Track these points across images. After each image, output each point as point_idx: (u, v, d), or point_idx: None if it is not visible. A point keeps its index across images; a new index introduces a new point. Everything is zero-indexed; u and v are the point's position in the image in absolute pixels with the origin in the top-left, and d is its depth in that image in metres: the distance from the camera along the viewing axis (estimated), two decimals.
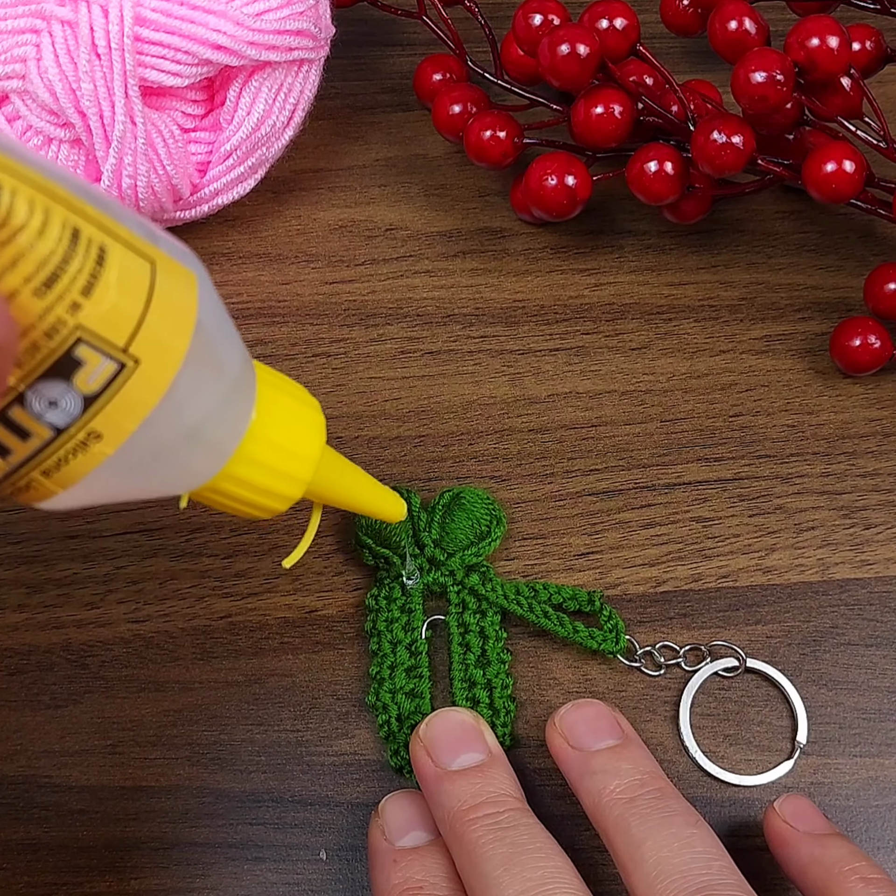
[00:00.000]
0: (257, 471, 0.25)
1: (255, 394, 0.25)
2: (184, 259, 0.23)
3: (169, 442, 0.23)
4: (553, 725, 0.30)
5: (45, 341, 0.20)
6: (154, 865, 0.31)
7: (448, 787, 0.28)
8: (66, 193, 0.20)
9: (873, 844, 0.31)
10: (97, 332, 0.20)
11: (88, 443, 0.22)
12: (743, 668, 0.32)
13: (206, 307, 0.23)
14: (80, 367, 0.20)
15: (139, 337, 0.21)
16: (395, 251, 0.39)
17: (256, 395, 0.25)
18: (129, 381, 0.21)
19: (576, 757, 0.29)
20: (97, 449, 0.22)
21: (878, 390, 0.37)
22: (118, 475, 0.23)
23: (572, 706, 0.30)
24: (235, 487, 0.26)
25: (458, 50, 0.39)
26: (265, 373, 0.26)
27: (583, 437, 0.36)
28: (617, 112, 0.35)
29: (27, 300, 0.19)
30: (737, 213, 0.40)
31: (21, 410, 0.21)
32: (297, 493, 0.27)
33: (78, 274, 0.20)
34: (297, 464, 0.26)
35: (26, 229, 0.19)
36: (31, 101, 0.34)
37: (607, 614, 0.32)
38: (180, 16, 0.33)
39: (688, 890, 0.25)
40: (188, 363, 0.22)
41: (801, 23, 0.32)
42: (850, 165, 0.33)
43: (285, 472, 0.26)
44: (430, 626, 0.33)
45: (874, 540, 0.34)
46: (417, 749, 0.29)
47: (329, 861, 0.31)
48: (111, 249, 0.20)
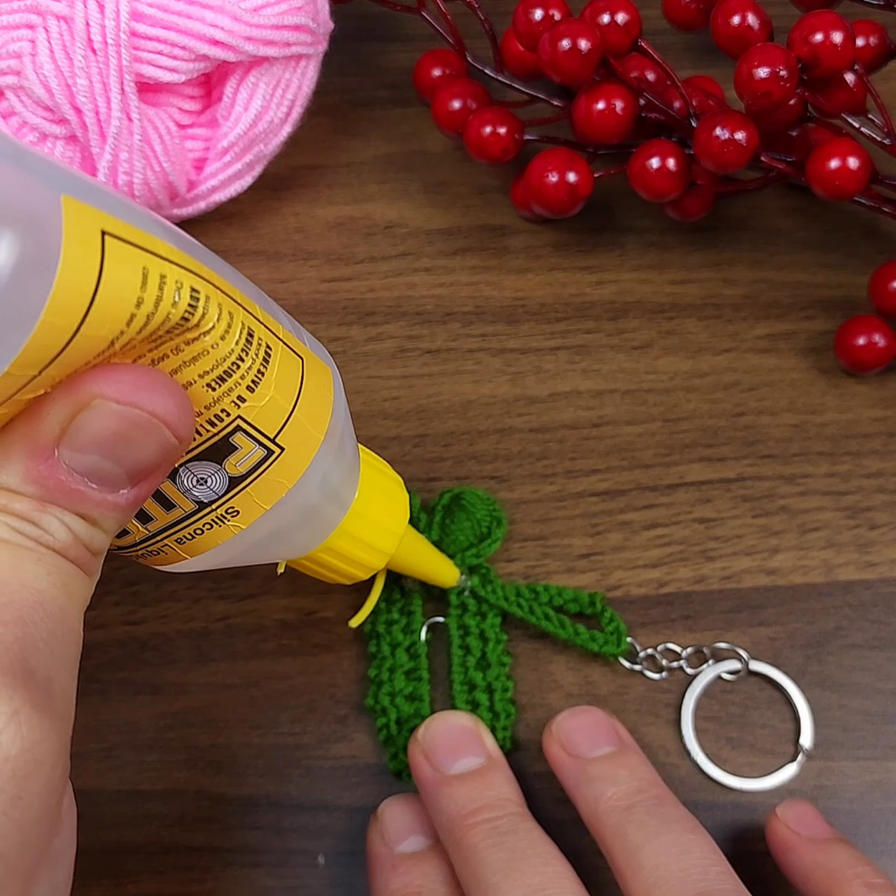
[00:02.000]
0: (353, 544, 0.28)
1: (360, 474, 0.27)
2: (321, 353, 0.25)
3: (292, 520, 0.25)
4: (550, 733, 0.30)
5: (208, 427, 0.21)
6: (150, 870, 0.30)
7: (447, 791, 0.28)
8: (244, 297, 0.22)
9: (878, 848, 0.31)
10: (254, 423, 0.22)
11: (225, 518, 0.23)
12: (746, 671, 0.32)
13: (338, 399, 0.25)
14: (233, 452, 0.22)
15: (287, 428, 0.23)
16: (394, 248, 0.39)
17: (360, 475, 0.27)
18: (271, 467, 0.23)
19: (573, 765, 0.29)
20: (231, 523, 0.23)
21: (882, 389, 0.36)
22: (242, 546, 0.25)
23: (569, 713, 0.30)
24: (331, 557, 0.28)
25: (458, 45, 0.39)
26: (362, 452, 0.28)
27: (584, 436, 0.36)
28: (618, 108, 0.34)
29: (199, 391, 0.21)
30: (740, 211, 0.39)
31: (171, 484, 0.22)
32: (381, 563, 0.29)
33: (247, 371, 0.21)
34: (387, 538, 0.28)
35: (213, 332, 0.20)
36: (27, 97, 0.34)
37: (609, 616, 0.32)
38: (177, 11, 0.33)
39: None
40: (321, 451, 0.24)
41: (805, 18, 0.32)
42: (855, 162, 0.33)
43: (376, 546, 0.28)
44: (430, 629, 0.33)
45: (879, 541, 0.34)
46: (416, 753, 0.29)
47: (327, 866, 0.30)
48: (275, 348, 0.22)
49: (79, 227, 0.17)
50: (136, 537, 0.23)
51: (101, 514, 0.20)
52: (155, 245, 0.19)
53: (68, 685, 0.20)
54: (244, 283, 0.22)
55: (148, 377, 0.19)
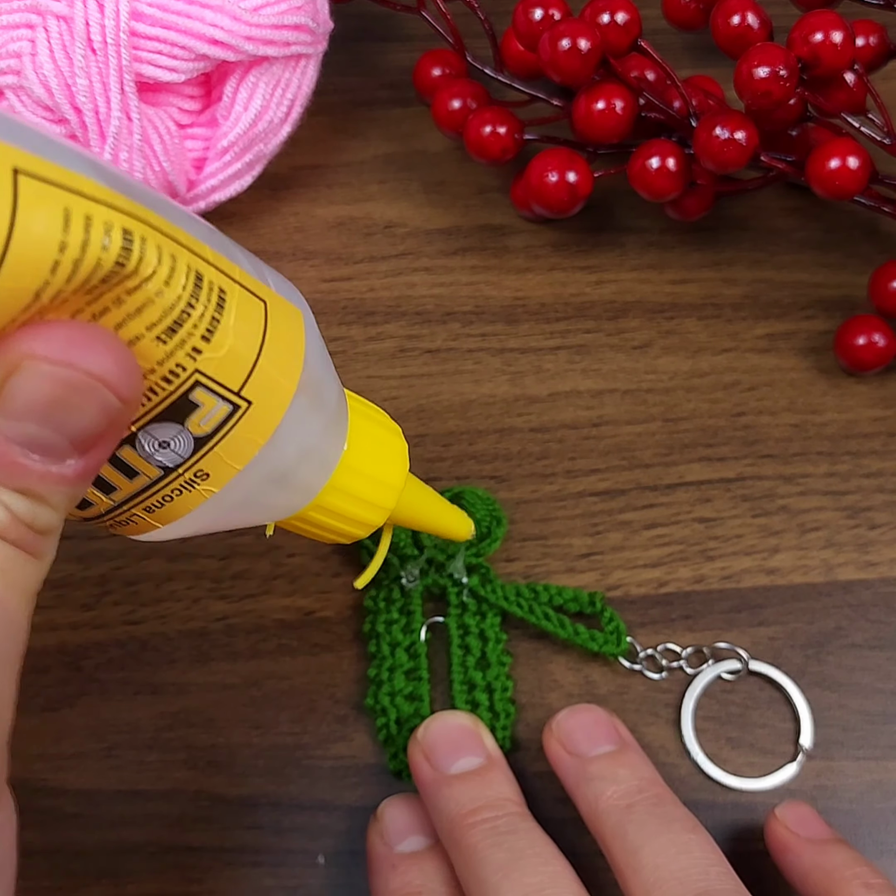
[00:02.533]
0: (346, 500, 0.26)
1: (348, 424, 0.25)
2: (289, 295, 0.23)
3: (271, 478, 0.23)
4: (550, 731, 0.30)
5: (164, 385, 0.20)
6: (150, 870, 0.30)
7: (446, 791, 0.28)
8: (188, 237, 0.20)
9: (877, 848, 0.31)
10: (214, 376, 0.20)
11: (195, 482, 0.22)
12: (746, 671, 0.32)
13: (311, 344, 0.23)
14: (194, 410, 0.20)
15: (252, 379, 0.21)
16: (393, 248, 0.39)
17: (348, 425, 0.25)
18: (239, 423, 0.21)
19: (573, 763, 0.29)
20: (202, 487, 0.22)
21: (882, 389, 0.36)
22: (218, 511, 0.23)
23: (569, 712, 0.30)
24: (323, 516, 0.26)
25: (458, 45, 0.39)
26: (353, 400, 0.26)
27: (584, 436, 0.35)
28: (618, 108, 0.34)
29: (149, 346, 0.19)
30: (740, 210, 0.39)
31: (131, 450, 0.21)
32: (380, 520, 0.27)
33: (200, 319, 0.19)
34: (384, 492, 0.26)
35: (154, 277, 0.18)
36: (26, 97, 0.33)
37: (608, 616, 0.32)
38: (176, 10, 0.33)
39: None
40: (294, 401, 0.22)
41: (805, 18, 0.32)
42: (855, 162, 0.32)
43: (372, 501, 0.26)
44: (430, 628, 0.33)
45: (879, 540, 0.34)
46: (416, 753, 0.29)
47: (327, 866, 0.30)
48: (230, 292, 0.20)
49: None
50: (100, 508, 0.22)
51: (46, 489, 0.18)
52: (80, 184, 0.17)
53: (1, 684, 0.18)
54: (191, 222, 0.20)
55: (82, 332, 0.18)
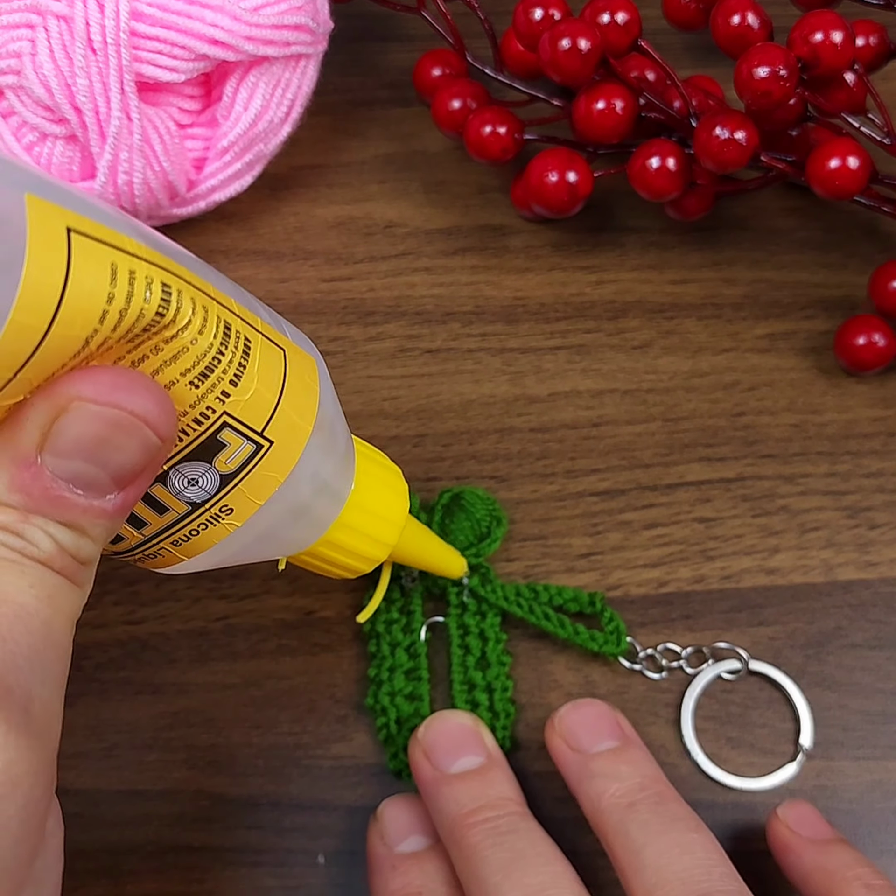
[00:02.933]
0: (352, 536, 0.27)
1: (354, 464, 0.27)
2: (304, 344, 0.25)
3: (288, 513, 0.25)
4: (552, 726, 0.30)
5: (195, 426, 0.21)
6: (150, 870, 0.30)
7: (447, 791, 0.28)
8: (217, 291, 0.21)
9: (878, 848, 0.31)
10: (241, 417, 0.22)
11: (220, 517, 0.23)
12: (746, 671, 0.32)
13: (324, 389, 0.25)
14: (222, 450, 0.22)
15: (274, 420, 0.22)
16: (393, 248, 0.39)
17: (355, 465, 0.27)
18: (262, 461, 0.23)
19: (575, 760, 0.29)
20: (226, 522, 0.23)
21: (882, 389, 0.36)
22: (239, 544, 0.24)
23: (572, 706, 0.30)
24: (332, 551, 0.27)
25: (458, 45, 0.39)
26: (358, 443, 0.28)
27: (584, 436, 0.35)
28: (618, 108, 0.34)
29: (182, 390, 0.21)
30: (740, 210, 0.39)
31: (162, 488, 0.22)
32: (383, 555, 0.28)
33: (228, 365, 0.21)
34: (388, 529, 0.28)
35: (190, 327, 0.20)
36: (26, 97, 0.33)
37: (608, 616, 0.32)
38: (177, 10, 0.33)
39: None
40: (310, 441, 0.24)
41: (805, 18, 0.32)
42: (855, 162, 0.32)
43: (376, 538, 0.28)
44: (430, 628, 0.33)
45: (879, 540, 0.34)
46: (416, 752, 0.29)
47: (327, 865, 0.30)
48: (254, 341, 0.22)
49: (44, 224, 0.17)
50: (131, 542, 0.23)
51: (88, 522, 0.20)
52: (122, 242, 0.19)
53: (51, 701, 0.19)
54: (218, 278, 0.22)
55: (126, 377, 0.19)
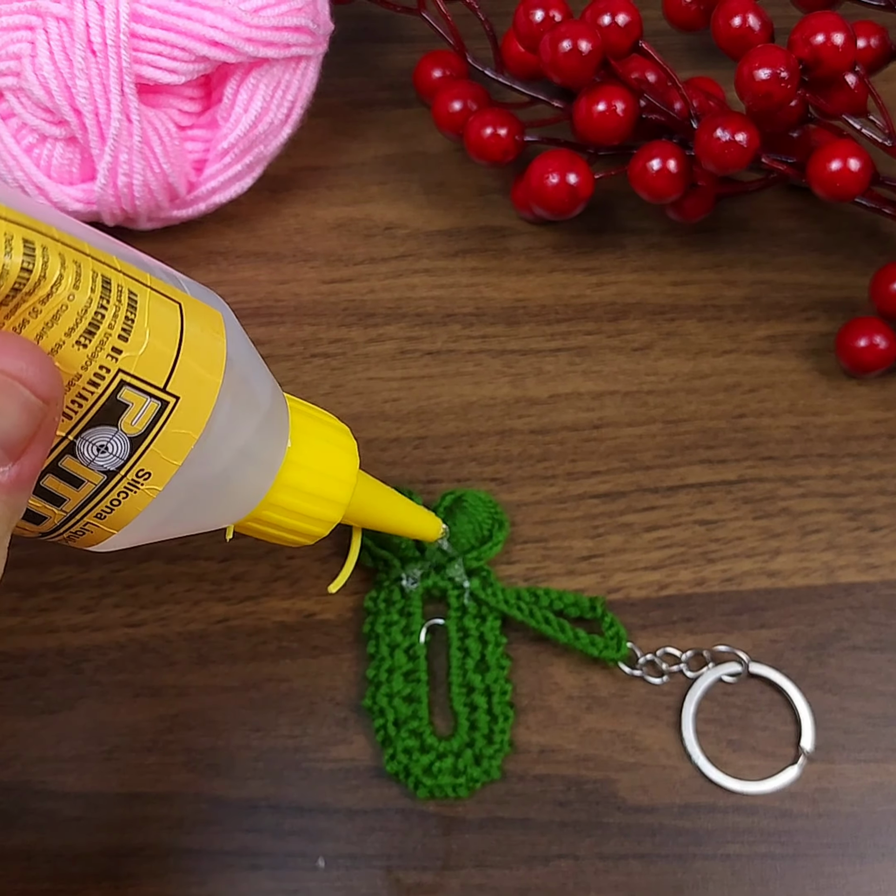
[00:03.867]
0: (297, 496, 0.27)
1: (289, 423, 0.27)
2: (208, 299, 0.24)
3: (212, 474, 0.24)
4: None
5: (91, 389, 0.21)
6: (150, 873, 0.30)
7: None
8: (93, 248, 0.21)
9: (879, 851, 0.30)
10: (138, 374, 0.21)
11: (138, 482, 0.23)
12: (746, 673, 0.32)
13: (234, 343, 0.24)
14: (125, 410, 0.22)
15: (176, 375, 0.22)
16: (394, 250, 0.39)
17: (290, 423, 0.27)
18: (170, 419, 0.22)
19: None
20: (147, 487, 0.23)
21: (883, 391, 0.36)
22: (167, 512, 0.24)
23: None
24: (277, 515, 0.27)
25: (459, 46, 0.39)
26: (295, 402, 0.28)
27: (585, 438, 0.35)
28: (619, 109, 0.34)
29: (70, 352, 0.20)
30: (741, 212, 0.39)
31: (72, 459, 0.22)
32: (336, 515, 0.28)
33: (114, 320, 0.21)
34: (335, 486, 0.27)
35: (62, 283, 0.20)
36: (26, 99, 0.33)
37: (609, 621, 0.32)
38: (177, 12, 0.33)
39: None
40: (223, 397, 0.23)
41: (806, 19, 0.32)
42: (856, 163, 0.32)
43: (324, 496, 0.27)
44: (429, 630, 0.33)
45: (880, 543, 0.34)
46: None
47: (327, 869, 0.30)
48: (140, 294, 0.22)
49: None
50: (54, 521, 0.23)
51: None
52: None
53: None
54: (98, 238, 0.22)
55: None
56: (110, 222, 0.36)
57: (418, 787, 0.30)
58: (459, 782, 0.30)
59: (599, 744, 0.31)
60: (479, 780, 0.31)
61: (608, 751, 0.31)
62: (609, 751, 0.31)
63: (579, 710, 0.32)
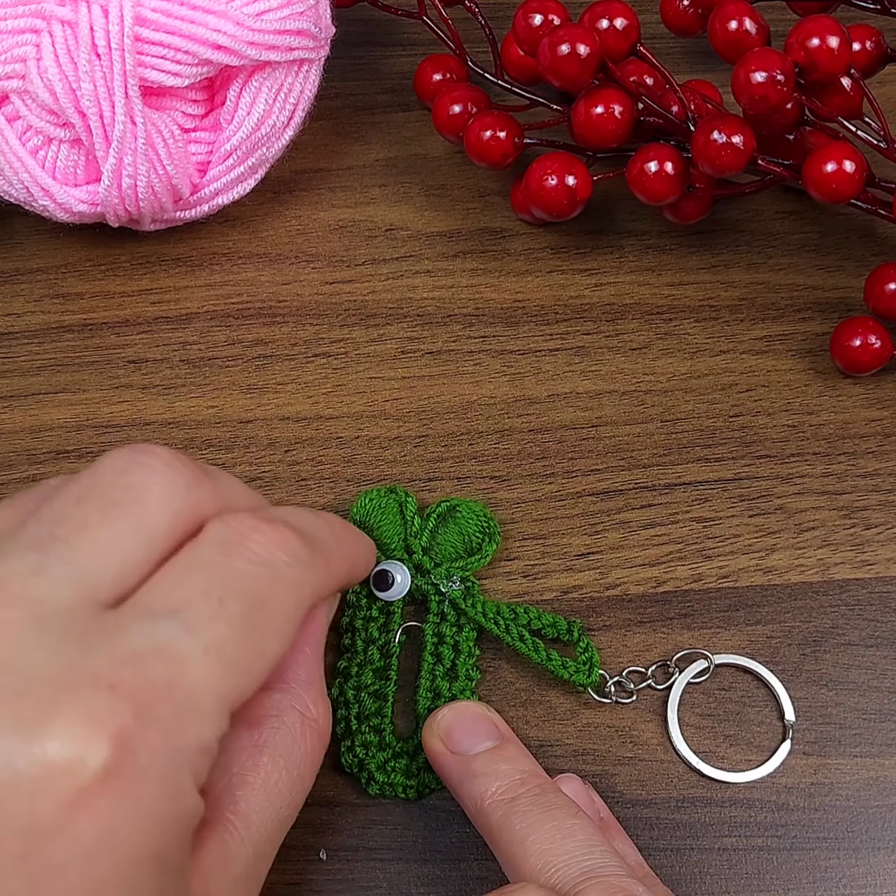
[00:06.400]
0: None
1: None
2: None
3: None
4: (430, 730, 0.30)
5: None
6: None
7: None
8: None
9: (874, 845, 0.31)
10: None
11: None
12: (712, 667, 0.32)
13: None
14: None
15: None
16: (395, 251, 0.39)
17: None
18: None
19: (455, 762, 0.29)
20: None
21: (878, 390, 0.37)
22: None
23: (449, 710, 0.30)
24: None
25: (459, 50, 0.39)
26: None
27: (583, 437, 0.36)
28: (617, 112, 0.35)
29: None
30: (737, 214, 0.40)
31: None
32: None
33: None
34: None
35: None
36: (31, 101, 0.34)
37: (583, 646, 0.32)
38: (180, 16, 0.33)
39: (571, 875, 0.25)
40: None
41: (802, 23, 0.32)
42: (851, 165, 0.33)
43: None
44: (406, 631, 0.33)
45: (875, 540, 0.34)
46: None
47: (329, 861, 0.30)
48: None
49: None
50: None
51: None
52: None
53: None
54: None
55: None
56: (115, 223, 0.37)
57: (370, 784, 0.30)
58: (411, 784, 0.30)
59: (597, 738, 0.32)
60: (430, 786, 0.31)
61: (606, 745, 0.32)
62: (607, 745, 0.32)
63: (578, 705, 0.32)
